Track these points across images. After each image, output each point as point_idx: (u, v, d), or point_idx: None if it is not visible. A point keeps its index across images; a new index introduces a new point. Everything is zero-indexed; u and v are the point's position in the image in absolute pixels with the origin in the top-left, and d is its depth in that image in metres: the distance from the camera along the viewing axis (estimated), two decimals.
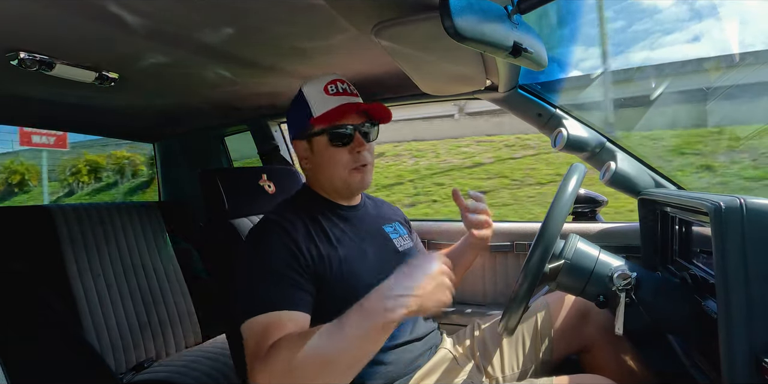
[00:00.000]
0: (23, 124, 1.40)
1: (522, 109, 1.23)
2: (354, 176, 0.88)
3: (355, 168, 0.88)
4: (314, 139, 0.89)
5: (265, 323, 0.72)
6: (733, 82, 2.29)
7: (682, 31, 6.69)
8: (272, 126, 1.64)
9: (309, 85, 0.90)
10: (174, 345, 1.44)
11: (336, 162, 0.87)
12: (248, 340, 0.72)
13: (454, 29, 0.54)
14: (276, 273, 0.77)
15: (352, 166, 0.88)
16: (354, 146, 0.87)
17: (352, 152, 0.87)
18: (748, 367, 0.58)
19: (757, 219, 0.60)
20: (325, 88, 0.88)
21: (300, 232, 0.83)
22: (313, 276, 0.80)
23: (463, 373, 0.92)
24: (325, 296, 0.81)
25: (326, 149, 0.88)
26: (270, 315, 0.72)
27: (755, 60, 2.63)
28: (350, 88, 0.91)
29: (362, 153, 0.88)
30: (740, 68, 2.46)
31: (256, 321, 0.72)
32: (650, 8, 6.61)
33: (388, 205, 1.11)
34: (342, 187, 0.90)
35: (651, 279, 0.81)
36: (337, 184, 0.90)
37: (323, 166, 0.90)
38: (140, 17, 0.68)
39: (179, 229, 1.60)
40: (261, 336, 0.70)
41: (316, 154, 0.90)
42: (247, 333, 0.73)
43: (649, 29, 6.75)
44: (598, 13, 1.89)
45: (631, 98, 3.80)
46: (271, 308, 0.73)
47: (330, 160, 0.88)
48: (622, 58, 5.82)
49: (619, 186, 1.15)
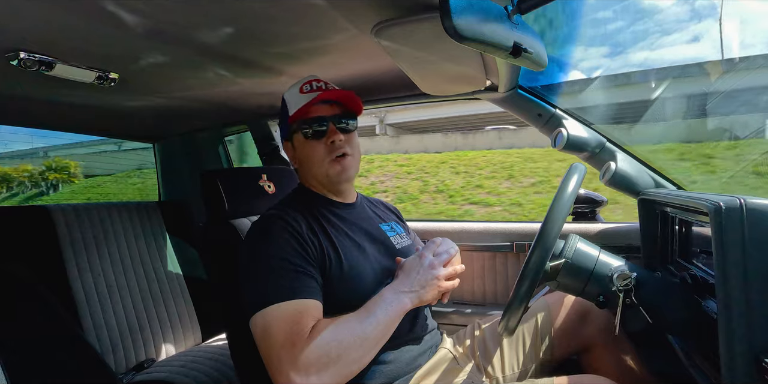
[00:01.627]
0: (23, 124, 1.40)
1: (522, 110, 1.23)
2: (334, 167, 0.89)
3: (334, 159, 0.89)
4: (294, 137, 0.93)
5: (292, 309, 0.73)
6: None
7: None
8: (272, 126, 1.64)
9: (289, 89, 0.93)
10: (174, 345, 1.44)
11: (314, 155, 0.89)
12: (273, 328, 0.71)
13: (454, 29, 0.54)
14: (287, 261, 0.77)
15: (331, 158, 0.89)
16: (328, 137, 0.88)
17: (327, 143, 0.88)
18: (748, 367, 0.58)
19: (757, 219, 0.60)
20: (300, 89, 0.91)
21: (303, 226, 0.84)
22: (320, 268, 0.81)
23: (463, 373, 0.92)
24: (325, 292, 0.81)
25: (304, 144, 0.90)
26: (295, 303, 0.73)
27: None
28: (326, 85, 0.93)
29: (336, 143, 0.88)
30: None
31: (278, 309, 0.72)
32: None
33: (384, 205, 1.12)
34: (325, 179, 0.91)
35: (651, 279, 0.81)
36: (320, 177, 0.92)
37: (304, 161, 0.92)
38: (140, 17, 0.68)
39: (179, 229, 1.60)
40: (294, 322, 0.72)
41: (297, 151, 0.93)
42: (271, 321, 0.72)
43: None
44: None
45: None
46: (293, 296, 0.74)
47: (309, 155, 0.90)
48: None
49: (619, 186, 1.15)
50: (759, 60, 3.03)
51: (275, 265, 0.77)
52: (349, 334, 0.72)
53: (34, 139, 10.15)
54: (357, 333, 0.72)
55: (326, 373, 0.68)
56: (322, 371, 0.68)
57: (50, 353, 0.82)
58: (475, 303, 1.40)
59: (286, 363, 0.68)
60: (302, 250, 0.79)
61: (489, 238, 1.36)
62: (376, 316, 0.75)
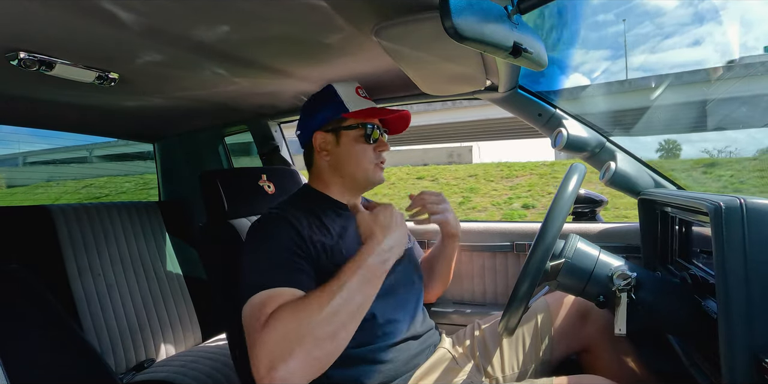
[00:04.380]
0: (23, 124, 1.40)
1: (522, 109, 1.23)
2: (377, 172, 0.96)
3: (377, 164, 0.95)
4: (343, 133, 0.94)
5: (264, 296, 0.70)
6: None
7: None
8: (272, 126, 1.64)
9: (340, 84, 0.98)
10: (174, 345, 1.44)
11: (363, 156, 0.94)
12: (246, 317, 0.70)
13: (454, 29, 0.54)
14: (280, 258, 0.77)
15: (376, 162, 0.95)
16: (379, 145, 0.96)
17: (377, 151, 0.95)
18: (748, 367, 0.58)
19: (757, 219, 0.60)
20: (356, 90, 0.97)
21: (303, 224, 0.84)
22: (316, 266, 0.81)
23: (463, 372, 0.92)
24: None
25: (356, 144, 0.94)
26: (270, 290, 0.70)
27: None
28: (367, 94, 1.01)
29: (383, 152, 0.96)
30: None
31: (255, 297, 0.70)
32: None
33: None
34: (363, 179, 0.95)
35: (651, 279, 0.81)
36: (359, 176, 0.94)
37: (349, 158, 0.94)
38: (141, 17, 0.68)
39: (179, 229, 1.60)
40: (258, 308, 0.68)
41: (342, 147, 0.94)
42: (247, 311, 0.70)
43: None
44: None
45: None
46: (280, 284, 0.72)
47: (358, 154, 0.94)
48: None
49: (619, 186, 1.15)
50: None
51: (266, 262, 0.77)
52: (313, 311, 0.65)
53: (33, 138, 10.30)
54: (323, 307, 0.65)
55: (293, 359, 0.61)
56: (287, 357, 0.61)
57: (50, 353, 0.82)
58: (475, 303, 1.40)
59: (253, 358, 0.64)
60: (298, 249, 0.79)
61: (489, 238, 1.36)
62: (348, 285, 0.68)
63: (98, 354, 0.90)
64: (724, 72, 5.73)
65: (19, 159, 10.61)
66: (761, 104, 4.27)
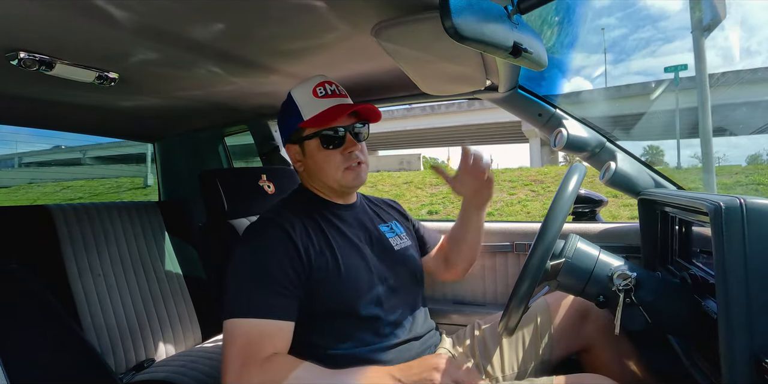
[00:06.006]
0: (23, 124, 1.40)
1: (522, 109, 1.23)
2: (347, 175, 0.89)
3: (348, 167, 0.89)
4: (306, 143, 0.90)
5: (258, 330, 0.73)
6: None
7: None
8: (272, 126, 1.64)
9: (297, 88, 0.90)
10: (174, 345, 1.44)
11: (328, 164, 0.88)
12: (236, 339, 0.73)
13: (454, 29, 0.54)
14: (271, 277, 0.77)
15: (345, 166, 0.88)
16: (346, 147, 0.88)
17: (344, 153, 0.88)
18: (748, 367, 0.58)
19: (757, 219, 0.60)
20: (314, 91, 0.88)
21: (298, 231, 0.83)
22: (308, 277, 0.81)
23: None
24: (322, 293, 0.81)
25: (318, 152, 0.89)
26: (262, 322, 0.74)
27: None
28: (339, 89, 0.91)
29: (354, 153, 0.88)
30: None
31: (247, 323, 0.74)
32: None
33: (386, 204, 1.11)
34: (336, 187, 0.91)
35: (651, 279, 0.81)
36: (331, 185, 0.91)
37: (316, 168, 0.90)
38: (140, 17, 0.68)
39: (179, 229, 1.60)
40: (253, 342, 0.72)
41: (308, 158, 0.91)
42: (236, 333, 0.73)
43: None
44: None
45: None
46: (264, 314, 0.74)
47: (323, 163, 0.89)
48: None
49: (619, 186, 1.15)
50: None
51: (258, 276, 0.77)
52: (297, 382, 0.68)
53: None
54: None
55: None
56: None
57: (50, 353, 0.82)
58: (475, 303, 1.40)
59: (228, 374, 0.70)
60: (290, 262, 0.79)
61: (489, 238, 1.36)
62: (338, 381, 0.71)
63: (98, 354, 0.90)
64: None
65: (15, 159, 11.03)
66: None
